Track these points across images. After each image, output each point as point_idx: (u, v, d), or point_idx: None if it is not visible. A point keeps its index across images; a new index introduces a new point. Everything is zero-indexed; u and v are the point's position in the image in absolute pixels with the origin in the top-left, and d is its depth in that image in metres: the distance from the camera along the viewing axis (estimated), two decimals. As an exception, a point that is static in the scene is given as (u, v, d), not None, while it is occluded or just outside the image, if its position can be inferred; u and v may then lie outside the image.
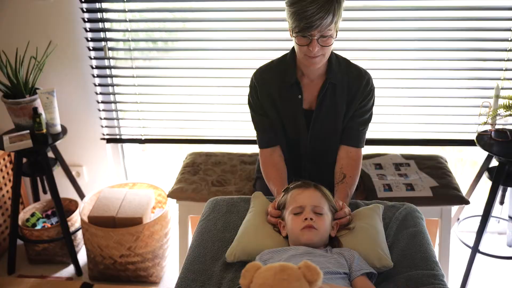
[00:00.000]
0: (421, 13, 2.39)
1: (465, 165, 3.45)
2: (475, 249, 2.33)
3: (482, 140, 2.30)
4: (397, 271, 1.49)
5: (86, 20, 2.52)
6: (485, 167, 2.42)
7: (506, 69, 2.46)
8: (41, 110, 2.42)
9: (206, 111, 2.72)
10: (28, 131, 2.42)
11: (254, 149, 2.64)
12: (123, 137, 2.82)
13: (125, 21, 2.54)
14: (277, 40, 2.50)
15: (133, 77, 2.67)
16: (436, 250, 2.40)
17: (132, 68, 2.65)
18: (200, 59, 2.62)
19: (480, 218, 2.31)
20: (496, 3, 2.35)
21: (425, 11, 2.39)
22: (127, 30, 2.56)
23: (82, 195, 2.75)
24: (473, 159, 3.36)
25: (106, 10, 2.52)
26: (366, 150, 2.55)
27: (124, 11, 2.51)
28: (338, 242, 1.52)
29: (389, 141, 2.69)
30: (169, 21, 2.65)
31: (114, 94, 2.73)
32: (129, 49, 2.60)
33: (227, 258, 1.53)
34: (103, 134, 2.80)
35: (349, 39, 2.46)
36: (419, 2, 2.38)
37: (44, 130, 2.41)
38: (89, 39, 2.57)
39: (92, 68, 2.64)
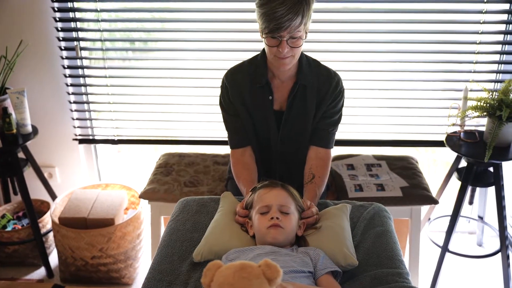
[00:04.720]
0: (391, 16, 2.43)
1: (437, 165, 3.51)
2: (444, 249, 2.37)
3: (451, 141, 2.34)
4: (363, 269, 1.50)
5: (57, 19, 2.49)
6: (454, 167, 2.46)
7: (475, 71, 2.51)
8: (11, 110, 2.38)
9: (179, 111, 2.71)
10: (-3, 131, 2.39)
11: (228, 149, 2.63)
12: (96, 137, 2.80)
13: (97, 21, 2.52)
14: (250, 41, 2.50)
15: (106, 77, 2.65)
16: (406, 249, 2.44)
17: (104, 68, 2.63)
18: (173, 60, 2.62)
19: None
20: (464, 7, 2.40)
21: (395, 13, 2.42)
22: (99, 30, 2.54)
23: (54, 196, 2.71)
24: (445, 159, 3.42)
25: (78, 10, 2.50)
26: (339, 150, 2.58)
27: (96, 10, 2.49)
28: (304, 241, 1.53)
29: (362, 142, 2.72)
30: (141, 21, 2.63)
31: (86, 94, 2.71)
32: (102, 49, 2.58)
33: (194, 257, 1.53)
34: (76, 135, 2.78)
35: (320, 41, 2.49)
36: (389, 4, 2.42)
37: (14, 130, 2.38)
38: (61, 38, 2.55)
39: (64, 68, 2.61)
